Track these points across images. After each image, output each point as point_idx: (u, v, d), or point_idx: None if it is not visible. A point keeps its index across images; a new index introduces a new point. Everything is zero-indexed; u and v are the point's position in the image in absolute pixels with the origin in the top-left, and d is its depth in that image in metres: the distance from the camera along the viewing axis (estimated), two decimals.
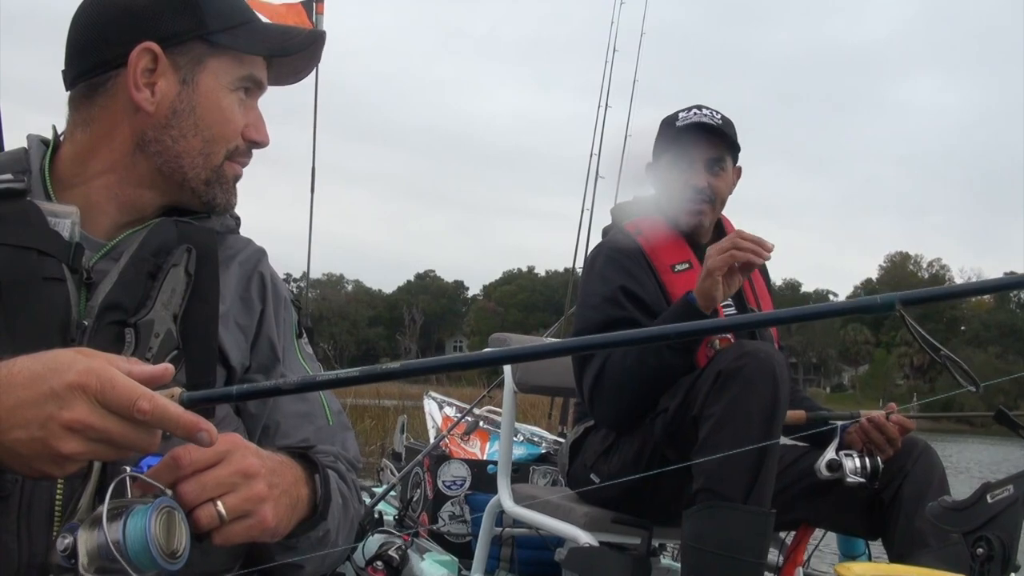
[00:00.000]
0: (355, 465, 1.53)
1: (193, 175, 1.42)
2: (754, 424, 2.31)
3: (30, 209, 1.31)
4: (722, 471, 2.31)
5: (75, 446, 0.96)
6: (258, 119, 1.48)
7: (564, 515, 2.82)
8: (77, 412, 0.95)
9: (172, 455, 1.06)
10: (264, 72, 1.48)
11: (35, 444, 0.96)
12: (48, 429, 0.95)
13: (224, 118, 1.43)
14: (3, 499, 1.16)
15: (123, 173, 1.41)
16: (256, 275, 1.50)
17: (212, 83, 1.42)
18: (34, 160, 1.41)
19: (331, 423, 1.52)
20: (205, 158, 1.42)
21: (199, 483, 1.07)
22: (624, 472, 2.63)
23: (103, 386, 0.95)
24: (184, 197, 1.45)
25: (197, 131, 1.41)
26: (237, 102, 1.44)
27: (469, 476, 4.20)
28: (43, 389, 0.96)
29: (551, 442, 4.58)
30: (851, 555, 2.97)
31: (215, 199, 1.45)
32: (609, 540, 2.70)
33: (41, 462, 0.98)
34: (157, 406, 0.96)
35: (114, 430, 0.97)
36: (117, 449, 0.99)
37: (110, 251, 1.36)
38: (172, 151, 1.40)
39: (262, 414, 1.45)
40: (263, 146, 1.49)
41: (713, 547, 2.29)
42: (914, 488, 2.55)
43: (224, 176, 1.45)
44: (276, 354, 1.49)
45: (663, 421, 2.54)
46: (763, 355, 2.37)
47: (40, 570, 1.14)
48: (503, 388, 3.20)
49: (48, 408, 0.95)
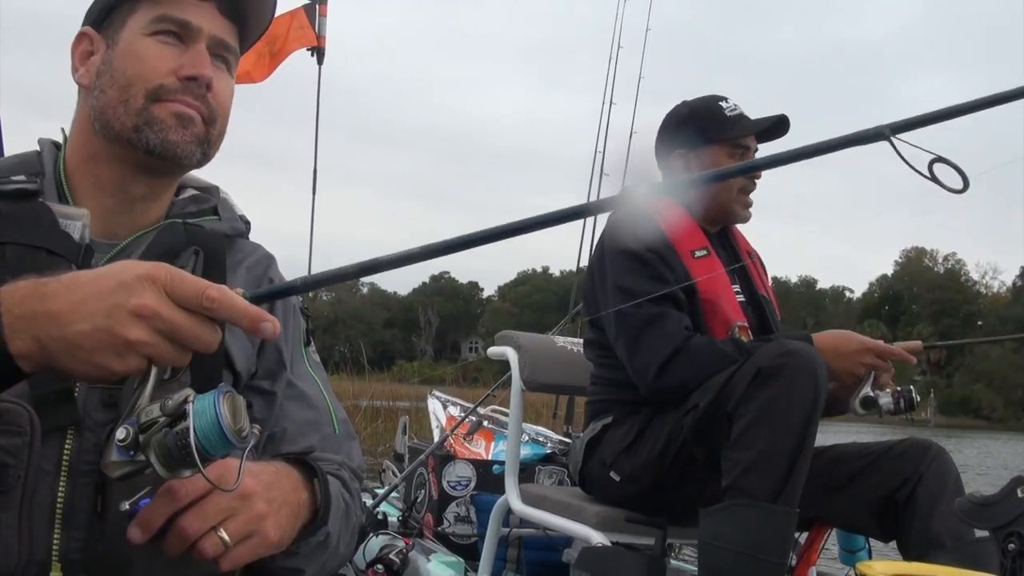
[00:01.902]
0: (359, 474, 1.53)
1: (119, 125, 1.38)
2: (792, 424, 2.28)
3: (41, 210, 1.33)
4: (755, 469, 2.28)
5: (141, 333, 0.97)
6: (195, 57, 1.40)
7: (575, 514, 2.79)
8: (146, 298, 0.96)
9: (167, 489, 1.07)
10: (195, 12, 1.41)
11: (99, 334, 0.96)
12: (115, 317, 0.96)
13: (137, 61, 1.38)
14: (4, 494, 1.16)
15: (95, 155, 1.41)
16: (266, 281, 1.50)
17: (128, 35, 1.40)
18: (47, 162, 1.42)
19: (337, 431, 1.52)
20: (124, 104, 1.37)
21: (200, 514, 1.09)
22: (647, 469, 2.62)
23: (172, 278, 0.98)
24: (131, 153, 1.39)
25: (113, 82, 1.38)
26: (158, 44, 1.39)
27: (474, 476, 4.17)
28: (111, 283, 0.97)
29: (556, 442, 4.56)
30: (850, 549, 2.96)
31: (149, 142, 1.37)
32: (621, 540, 2.66)
33: (103, 355, 0.97)
34: (226, 295, 0.99)
35: (180, 320, 0.98)
36: (179, 347, 0.99)
37: (119, 253, 1.37)
38: (99, 110, 1.39)
39: (268, 420, 1.45)
40: (202, 81, 1.39)
41: (734, 546, 2.26)
42: (929, 491, 2.55)
43: (155, 118, 1.37)
44: (283, 361, 1.48)
45: (693, 417, 2.49)
46: (805, 354, 2.35)
47: (41, 566, 1.16)
48: (508, 388, 3.16)
49: (117, 297, 0.96)
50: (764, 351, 2.39)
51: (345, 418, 1.56)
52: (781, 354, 2.34)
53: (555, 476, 4.18)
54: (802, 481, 2.29)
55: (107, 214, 1.39)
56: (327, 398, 1.54)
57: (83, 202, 1.39)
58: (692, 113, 2.93)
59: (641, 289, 2.66)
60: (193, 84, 1.39)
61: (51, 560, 1.18)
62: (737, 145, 2.85)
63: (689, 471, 2.54)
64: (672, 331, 2.62)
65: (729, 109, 2.87)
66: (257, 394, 1.45)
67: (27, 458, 1.18)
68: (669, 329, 2.62)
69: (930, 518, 2.50)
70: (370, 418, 11.00)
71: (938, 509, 2.50)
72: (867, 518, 2.68)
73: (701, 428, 2.47)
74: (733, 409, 2.35)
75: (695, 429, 2.49)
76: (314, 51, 5.86)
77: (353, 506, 1.42)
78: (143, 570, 1.19)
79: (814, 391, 2.30)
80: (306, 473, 1.29)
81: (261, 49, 5.77)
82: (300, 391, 1.49)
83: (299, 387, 1.50)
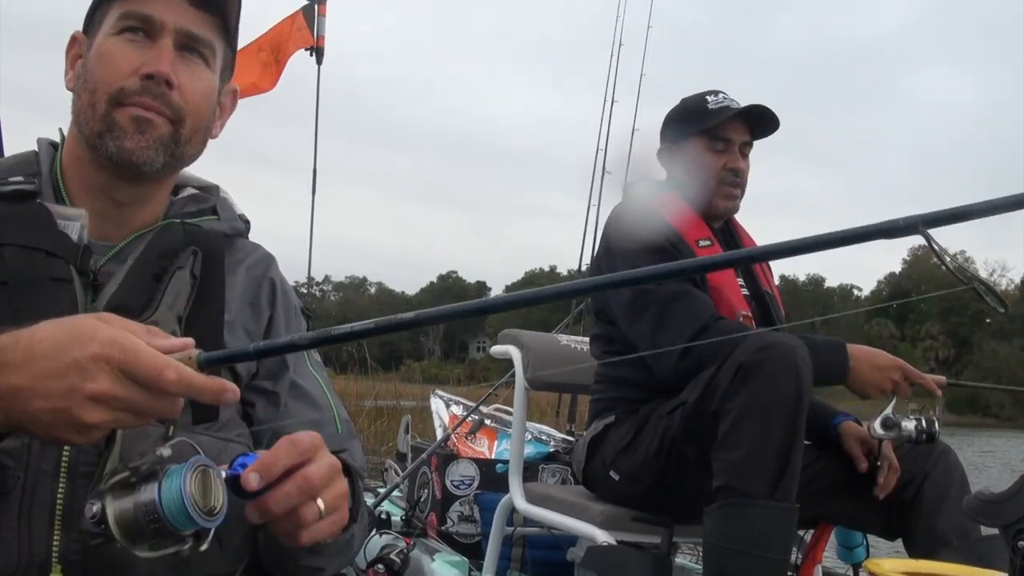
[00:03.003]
0: (361, 474, 1.52)
1: (89, 131, 1.35)
2: (777, 419, 2.25)
3: (39, 211, 1.33)
4: (745, 467, 2.26)
5: (99, 416, 0.96)
6: (155, 54, 1.34)
7: (580, 513, 2.78)
8: (101, 384, 0.94)
9: (290, 440, 1.07)
10: (160, 7, 1.35)
11: (58, 414, 0.96)
12: (72, 400, 0.95)
13: (103, 63, 1.35)
14: (3, 495, 1.16)
15: (82, 159, 1.39)
16: (266, 281, 1.50)
17: (100, 37, 1.38)
18: (44, 163, 1.42)
19: (340, 431, 1.52)
20: (92, 109, 1.35)
21: (307, 479, 1.07)
22: (645, 469, 2.62)
23: (127, 357, 0.95)
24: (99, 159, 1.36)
25: (85, 85, 1.36)
26: (123, 43, 1.35)
27: (478, 475, 4.17)
28: (66, 360, 0.95)
29: (560, 440, 4.55)
30: (848, 546, 2.95)
31: (108, 149, 1.33)
32: (627, 539, 2.65)
33: (64, 431, 0.98)
34: (183, 375, 0.96)
35: (138, 399, 0.96)
36: (140, 416, 0.99)
37: (117, 253, 1.36)
38: (75, 114, 1.38)
39: (271, 420, 1.44)
40: (159, 79, 1.33)
41: (737, 544, 2.24)
42: (935, 489, 2.54)
43: (115, 123, 1.33)
44: (285, 361, 1.48)
45: (682, 414, 2.48)
46: (785, 347, 2.31)
47: (41, 568, 1.16)
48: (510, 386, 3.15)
49: (71, 379, 0.95)
50: (745, 345, 2.35)
51: (347, 418, 1.56)
52: (761, 348, 2.31)
53: (558, 475, 4.18)
54: (796, 474, 2.26)
55: (98, 217, 1.38)
56: (330, 398, 1.54)
57: (78, 204, 1.38)
58: (679, 108, 2.93)
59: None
60: (151, 83, 1.33)
61: (51, 561, 1.18)
62: (716, 137, 2.82)
63: (684, 469, 2.52)
64: (699, 308, 2.60)
65: (714, 103, 2.84)
66: (260, 394, 1.45)
67: (26, 460, 1.18)
68: (696, 305, 2.61)
69: (936, 516, 2.49)
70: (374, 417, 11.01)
71: (944, 507, 2.49)
72: (873, 517, 2.68)
73: (690, 427, 2.45)
74: (718, 407, 2.32)
75: (683, 428, 2.47)
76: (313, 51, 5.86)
77: (364, 503, 1.43)
78: (143, 571, 1.18)
79: (796, 383, 2.26)
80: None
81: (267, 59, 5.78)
82: (304, 391, 1.49)
83: (303, 387, 1.49)
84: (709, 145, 2.83)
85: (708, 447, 2.34)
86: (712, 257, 1.72)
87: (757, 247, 2.57)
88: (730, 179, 2.83)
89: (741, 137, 2.84)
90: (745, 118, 2.84)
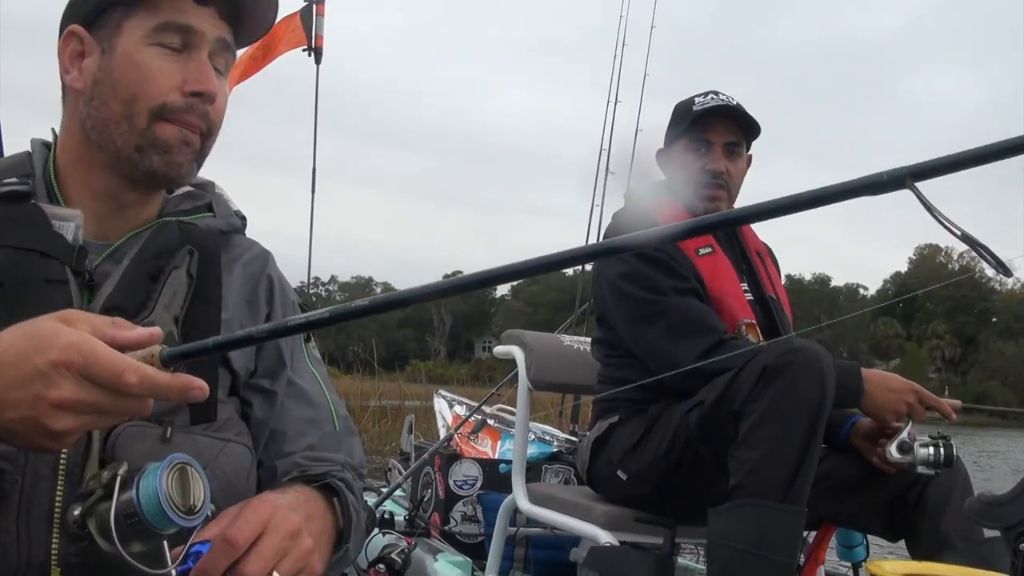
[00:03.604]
0: (360, 472, 1.52)
1: (122, 143, 1.34)
2: (799, 422, 2.25)
3: (34, 212, 1.32)
4: (762, 468, 2.26)
5: (67, 422, 0.95)
6: (198, 69, 1.35)
7: (583, 514, 2.77)
8: (64, 391, 0.93)
9: (224, 538, 1.06)
10: (197, 16, 1.35)
11: (28, 423, 0.95)
12: (38, 408, 0.94)
13: (140, 74, 1.33)
14: (2, 499, 1.16)
15: (87, 162, 1.38)
16: (264, 278, 1.49)
17: (128, 42, 1.34)
18: (37, 163, 1.40)
19: (337, 428, 1.51)
20: (128, 122, 1.33)
21: (260, 558, 1.07)
22: (654, 468, 2.61)
23: (86, 361, 0.93)
24: (130, 170, 1.37)
25: (115, 94, 1.33)
26: (160, 55, 1.34)
27: (481, 475, 4.16)
28: (28, 369, 0.94)
29: (563, 440, 4.54)
30: (847, 545, 2.95)
31: (152, 165, 1.34)
32: (629, 539, 2.65)
33: (37, 438, 0.97)
34: (144, 377, 0.94)
35: (104, 402, 0.95)
36: (109, 418, 0.99)
37: (113, 253, 1.36)
38: (99, 122, 1.35)
39: (269, 419, 1.44)
40: (207, 98, 1.35)
41: (744, 545, 2.24)
42: (938, 490, 2.53)
43: (159, 140, 1.34)
44: (283, 358, 1.47)
45: (699, 414, 2.47)
46: (811, 352, 2.31)
47: (40, 570, 1.16)
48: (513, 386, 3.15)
49: (35, 388, 0.94)
50: (770, 349, 2.36)
51: (346, 415, 1.55)
52: (787, 352, 2.31)
53: (561, 475, 4.17)
54: (810, 479, 2.27)
55: (97, 217, 1.38)
56: (327, 395, 1.53)
57: (73, 204, 1.37)
58: (673, 111, 2.92)
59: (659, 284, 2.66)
60: (198, 100, 1.35)
61: (50, 565, 1.17)
62: (696, 138, 2.80)
63: (696, 469, 2.52)
64: (714, 321, 2.62)
65: (700, 103, 2.81)
66: (257, 393, 1.44)
67: (23, 463, 1.18)
68: (711, 320, 2.62)
69: (939, 518, 2.48)
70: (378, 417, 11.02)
71: (947, 509, 2.48)
72: (876, 518, 2.68)
73: (706, 427, 2.45)
74: (740, 408, 2.32)
75: (700, 428, 2.47)
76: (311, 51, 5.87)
77: (360, 509, 1.41)
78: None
79: (821, 388, 2.26)
80: (326, 494, 1.30)
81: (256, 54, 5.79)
82: (300, 389, 1.48)
83: (299, 384, 1.49)
84: (690, 146, 2.82)
85: (723, 447, 2.35)
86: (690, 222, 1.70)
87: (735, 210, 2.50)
88: (707, 180, 2.80)
89: (723, 138, 2.81)
90: (733, 118, 2.81)
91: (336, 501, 1.30)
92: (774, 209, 0.90)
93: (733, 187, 2.84)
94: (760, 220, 0.94)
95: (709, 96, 2.82)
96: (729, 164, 2.81)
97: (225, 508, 1.31)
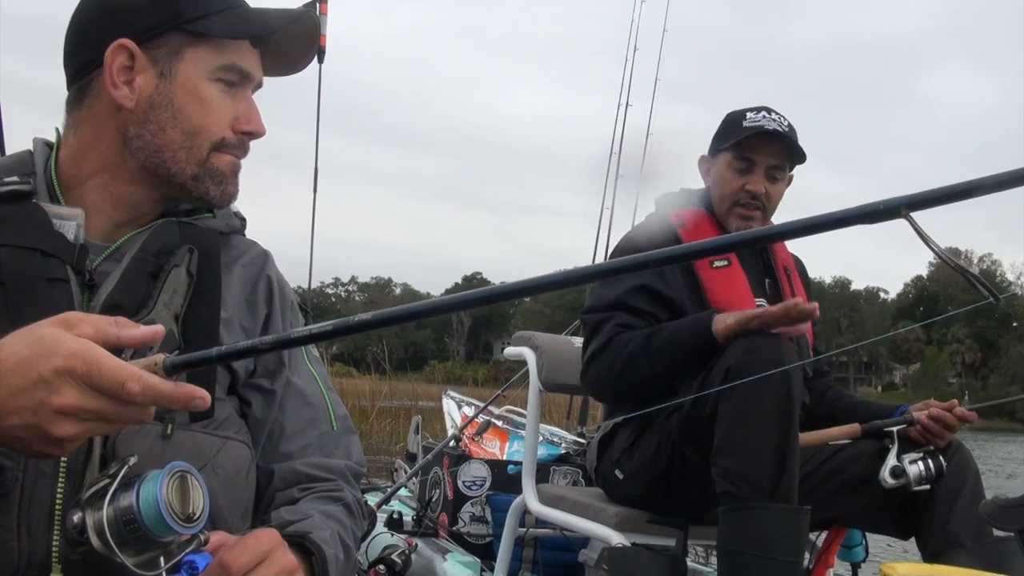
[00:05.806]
0: (359, 472, 1.52)
1: (178, 170, 1.38)
2: (769, 420, 2.24)
3: (35, 211, 1.33)
4: (743, 473, 2.25)
5: (69, 428, 0.96)
6: (249, 108, 1.42)
7: (594, 515, 2.77)
8: (67, 397, 0.94)
9: (222, 563, 1.07)
10: (252, 60, 1.42)
11: (31, 429, 0.96)
12: (41, 415, 0.95)
13: (204, 109, 1.37)
14: (3, 496, 1.16)
15: (114, 172, 1.39)
16: (263, 278, 1.49)
17: (190, 73, 1.37)
18: (39, 162, 1.41)
19: (335, 428, 1.52)
20: (188, 151, 1.37)
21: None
22: (644, 469, 2.62)
23: (89, 370, 0.94)
24: (176, 192, 1.42)
25: (176, 123, 1.36)
26: (220, 92, 1.39)
27: (489, 476, 4.15)
28: (32, 376, 0.95)
29: (571, 442, 4.52)
30: (847, 545, 2.92)
31: (208, 193, 1.40)
32: (641, 540, 2.63)
33: (40, 445, 0.98)
34: (146, 386, 0.95)
35: (106, 409, 0.96)
36: (112, 424, 0.99)
37: (113, 252, 1.37)
38: (153, 145, 1.37)
39: (267, 419, 1.45)
40: (258, 136, 1.43)
41: (747, 547, 2.24)
42: (948, 489, 2.51)
43: (215, 170, 1.40)
44: (282, 358, 1.48)
45: (679, 418, 2.47)
46: (771, 346, 2.31)
47: (41, 568, 1.16)
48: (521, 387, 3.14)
49: (38, 395, 0.95)
50: (731, 349, 2.34)
51: (344, 413, 1.56)
52: (746, 351, 2.30)
53: (569, 476, 4.16)
54: (795, 473, 2.26)
55: (110, 223, 1.39)
56: (325, 394, 1.53)
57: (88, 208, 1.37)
58: (723, 120, 2.88)
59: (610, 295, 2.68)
60: (248, 139, 1.43)
61: (51, 562, 1.18)
62: (740, 156, 2.77)
63: (687, 469, 2.52)
64: (605, 334, 2.63)
65: (751, 120, 2.76)
66: (256, 392, 1.45)
67: (25, 461, 1.18)
68: (603, 330, 2.64)
69: (949, 516, 2.46)
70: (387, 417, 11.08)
71: (957, 507, 2.46)
72: (886, 517, 2.65)
73: (687, 429, 2.45)
74: (711, 411, 2.32)
75: (681, 431, 2.47)
76: None
77: (350, 541, 1.41)
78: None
79: (785, 383, 2.25)
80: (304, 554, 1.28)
81: None
82: (297, 388, 1.49)
83: (296, 384, 1.49)
84: (732, 163, 2.78)
85: (705, 450, 2.34)
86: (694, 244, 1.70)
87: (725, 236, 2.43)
88: (745, 199, 2.76)
89: (768, 160, 2.76)
90: (776, 139, 2.75)
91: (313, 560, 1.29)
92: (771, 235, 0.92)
93: (770, 209, 2.81)
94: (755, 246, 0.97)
95: (761, 114, 2.77)
96: (769, 186, 2.77)
97: (225, 504, 1.31)
